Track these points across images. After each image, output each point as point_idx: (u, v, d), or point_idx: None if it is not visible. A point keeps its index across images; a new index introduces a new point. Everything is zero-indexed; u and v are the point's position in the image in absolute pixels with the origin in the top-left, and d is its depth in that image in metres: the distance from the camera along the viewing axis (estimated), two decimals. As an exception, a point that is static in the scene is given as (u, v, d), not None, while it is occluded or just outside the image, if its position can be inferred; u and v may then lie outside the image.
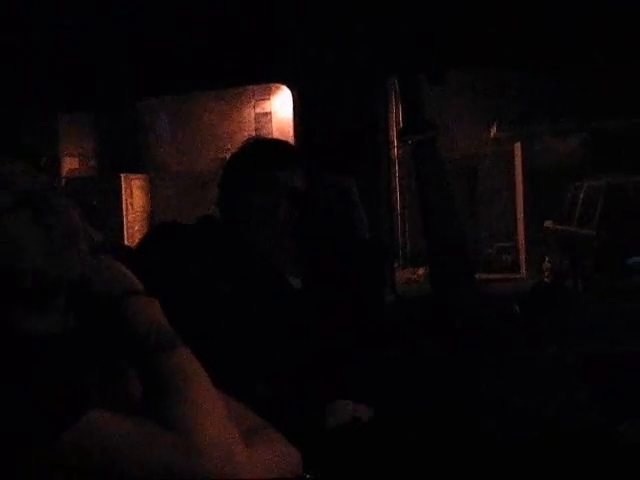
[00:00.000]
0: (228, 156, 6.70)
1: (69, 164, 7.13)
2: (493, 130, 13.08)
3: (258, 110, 7.10)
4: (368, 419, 1.91)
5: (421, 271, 9.67)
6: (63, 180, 6.44)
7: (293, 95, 2.48)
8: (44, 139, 4.60)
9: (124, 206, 6.94)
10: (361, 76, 2.36)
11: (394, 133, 3.09)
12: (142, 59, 2.86)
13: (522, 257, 11.39)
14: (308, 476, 1.42)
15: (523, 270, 10.83)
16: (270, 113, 7.06)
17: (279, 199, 2.02)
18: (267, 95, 6.79)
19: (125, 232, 6.72)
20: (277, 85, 5.48)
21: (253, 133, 7.11)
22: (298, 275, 2.24)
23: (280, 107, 6.89)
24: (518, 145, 11.68)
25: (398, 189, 9.31)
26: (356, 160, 2.33)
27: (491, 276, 10.25)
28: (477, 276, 2.81)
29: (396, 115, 2.83)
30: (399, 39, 2.33)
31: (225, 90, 6.18)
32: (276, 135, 6.89)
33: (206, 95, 6.46)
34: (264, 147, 2.18)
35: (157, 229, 2.06)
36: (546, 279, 10.60)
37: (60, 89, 3.17)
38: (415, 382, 2.18)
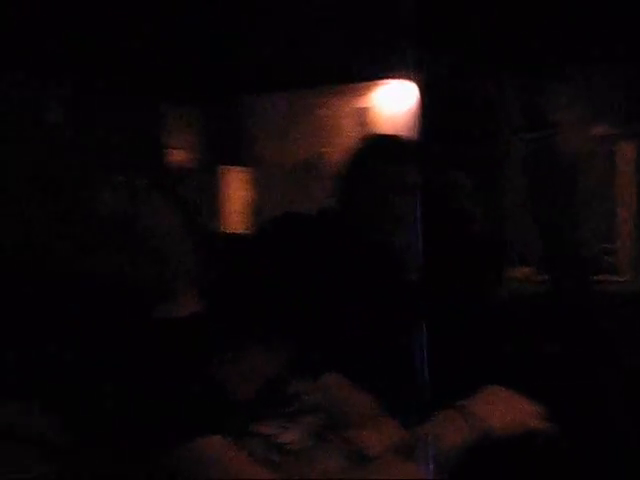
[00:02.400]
0: (329, 150, 6.70)
1: (175, 156, 7.28)
2: (599, 127, 12.71)
3: (359, 104, 7.09)
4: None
5: (526, 269, 9.39)
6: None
7: (413, 92, 2.47)
8: (151, 132, 4.71)
9: (223, 199, 7.02)
10: (482, 73, 2.33)
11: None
12: (253, 54, 2.89)
13: (626, 259, 11.02)
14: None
15: (627, 272, 10.47)
16: (371, 107, 7.03)
17: (394, 193, 2.02)
18: (369, 89, 6.77)
19: (224, 224, 6.80)
20: (379, 79, 5.44)
21: (354, 128, 7.09)
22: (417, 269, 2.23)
23: (382, 101, 6.85)
24: (625, 143, 11.31)
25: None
26: (474, 156, 2.31)
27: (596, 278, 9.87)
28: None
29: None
30: (520, 35, 2.30)
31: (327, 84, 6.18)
32: (378, 128, 6.87)
33: (307, 88, 6.47)
34: (381, 142, 2.18)
35: (278, 218, 2.10)
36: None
37: (170, 82, 3.25)
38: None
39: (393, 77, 3.04)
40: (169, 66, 3.03)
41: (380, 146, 2.11)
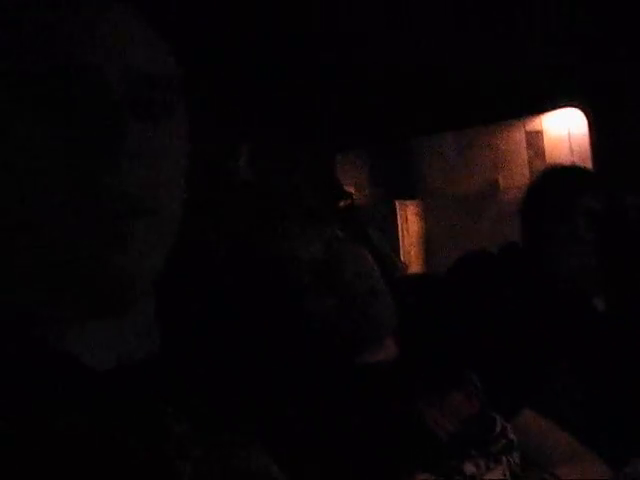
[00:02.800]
0: (499, 178, 6.61)
1: (354, 195, 7.46)
2: None
3: (528, 129, 6.97)
4: None
5: None
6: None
7: (587, 117, 2.46)
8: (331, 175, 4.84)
9: (400, 232, 7.09)
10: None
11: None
12: (421, 96, 2.96)
13: None
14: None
15: None
16: (541, 131, 6.89)
17: (582, 225, 2.02)
18: (537, 113, 6.64)
19: (402, 257, 6.86)
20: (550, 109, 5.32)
21: (524, 153, 6.98)
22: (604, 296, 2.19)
23: (551, 125, 6.71)
24: None
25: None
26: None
27: None
28: None
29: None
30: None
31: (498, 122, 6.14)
32: (549, 153, 6.71)
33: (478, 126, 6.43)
34: (562, 174, 2.18)
35: (464, 258, 2.13)
36: None
37: (340, 130, 3.36)
38: None
39: (560, 107, 3.00)
40: (347, 109, 3.15)
41: (565, 178, 2.11)
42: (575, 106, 2.55)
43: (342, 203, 2.26)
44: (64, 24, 0.76)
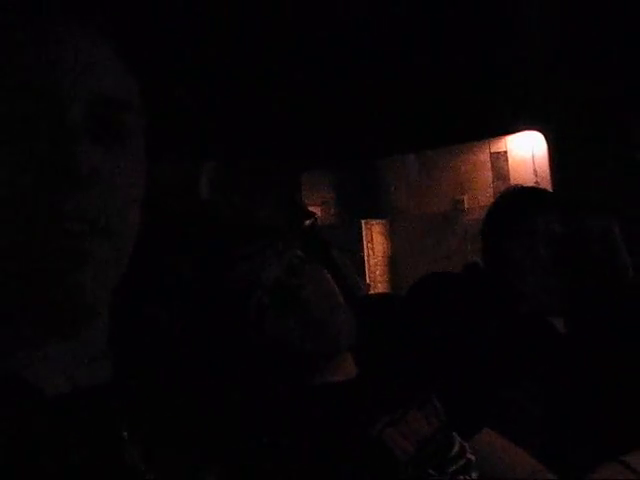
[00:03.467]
0: (464, 198, 6.68)
1: (318, 213, 7.48)
2: None
3: (493, 149, 7.04)
4: None
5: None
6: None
7: (547, 139, 2.50)
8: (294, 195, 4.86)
9: (366, 251, 7.12)
10: (618, 118, 2.33)
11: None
12: (385, 119, 2.98)
13: None
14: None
15: None
16: (506, 152, 6.97)
17: (541, 246, 2.04)
18: (500, 135, 6.72)
19: (367, 277, 6.87)
20: (512, 132, 5.40)
21: (489, 174, 7.06)
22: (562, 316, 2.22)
23: (515, 146, 6.79)
24: None
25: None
26: (617, 200, 2.30)
27: None
28: None
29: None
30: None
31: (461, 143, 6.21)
32: (512, 174, 6.80)
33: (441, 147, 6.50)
34: (520, 195, 2.21)
35: (425, 279, 2.15)
36: None
37: (306, 150, 3.37)
38: None
39: (524, 130, 3.04)
40: (312, 131, 3.16)
41: (524, 199, 2.14)
42: (535, 129, 2.59)
43: (305, 223, 2.27)
44: (23, 44, 0.76)
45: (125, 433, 0.78)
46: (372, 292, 5.08)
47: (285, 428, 1.10)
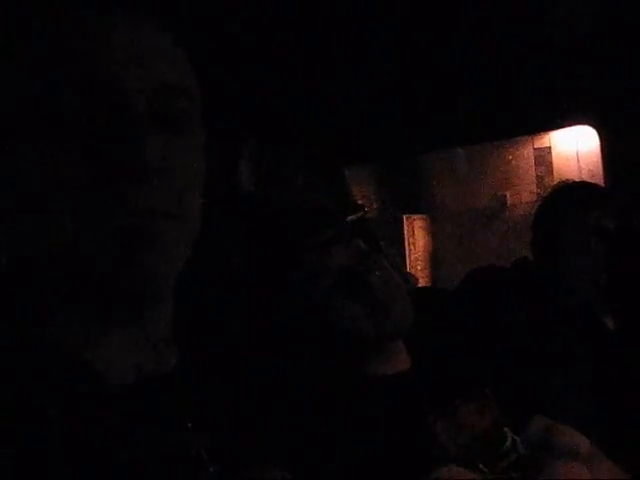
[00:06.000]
0: (507, 194, 6.61)
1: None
2: None
3: (537, 145, 6.97)
4: None
5: None
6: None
7: (599, 134, 2.47)
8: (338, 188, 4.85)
9: (407, 246, 7.10)
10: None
11: None
12: (431, 111, 2.97)
13: None
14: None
15: None
16: (549, 147, 6.89)
17: (593, 242, 2.02)
18: (546, 130, 6.64)
19: (411, 271, 6.87)
20: (559, 127, 5.32)
21: (532, 169, 6.99)
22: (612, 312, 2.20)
23: (560, 141, 6.71)
24: None
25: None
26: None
27: None
28: None
29: None
30: None
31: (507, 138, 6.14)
32: (557, 170, 6.72)
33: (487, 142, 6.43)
34: (573, 190, 2.19)
35: (473, 274, 2.14)
36: None
37: (351, 143, 3.36)
38: None
39: (573, 124, 3.00)
40: (354, 126, 3.15)
41: (577, 194, 2.12)
42: (587, 123, 2.55)
43: (354, 215, 2.26)
44: (86, 37, 0.77)
45: (190, 423, 0.78)
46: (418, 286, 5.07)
47: (343, 419, 1.10)
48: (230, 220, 1.58)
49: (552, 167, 6.84)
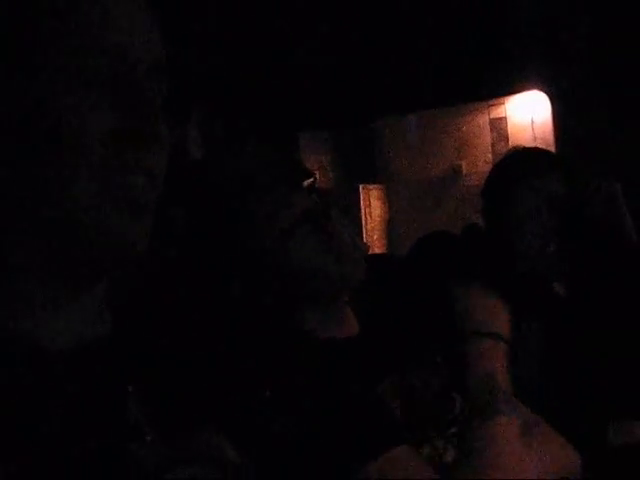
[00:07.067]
0: (462, 163, 6.65)
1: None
2: None
3: (493, 115, 7.00)
4: None
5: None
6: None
7: (551, 101, 2.46)
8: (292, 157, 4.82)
9: (363, 216, 7.10)
10: (621, 77, 2.30)
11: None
12: (385, 78, 2.94)
13: None
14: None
15: None
16: (505, 118, 6.93)
17: (542, 206, 2.02)
18: (501, 99, 6.69)
19: (365, 241, 6.86)
20: (511, 93, 5.35)
21: (488, 139, 7.02)
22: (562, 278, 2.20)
23: (515, 111, 6.75)
24: None
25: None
26: (622, 164, 2.27)
27: None
28: None
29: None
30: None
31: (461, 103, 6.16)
32: (512, 139, 6.77)
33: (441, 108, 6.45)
34: (524, 156, 2.18)
35: (424, 240, 2.13)
36: None
37: (304, 110, 3.33)
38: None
39: (525, 89, 3.00)
40: (308, 93, 3.11)
41: (528, 160, 2.11)
42: (540, 89, 2.55)
43: (305, 183, 2.23)
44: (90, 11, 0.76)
45: (131, 388, 0.77)
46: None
47: (287, 383, 1.09)
48: (179, 188, 1.54)
49: (507, 136, 6.88)
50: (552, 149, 2.66)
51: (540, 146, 2.77)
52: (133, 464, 0.70)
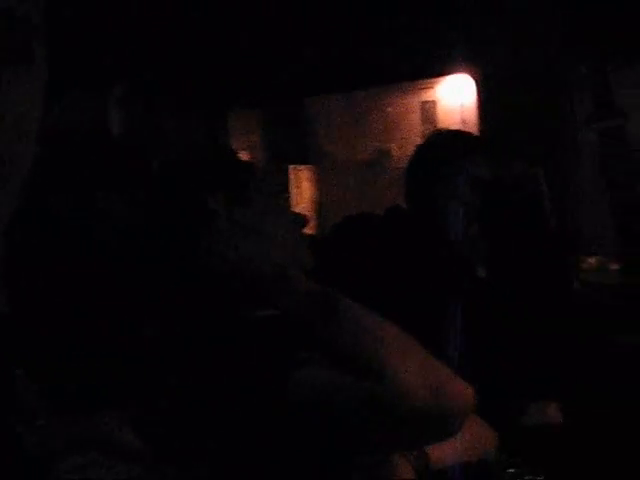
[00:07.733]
0: (392, 146, 6.68)
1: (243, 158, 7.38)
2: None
3: (422, 98, 7.04)
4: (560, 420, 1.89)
5: (592, 260, 9.21)
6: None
7: (476, 83, 2.47)
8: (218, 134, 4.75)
9: (293, 197, 7.07)
10: (548, 63, 2.32)
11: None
12: (312, 57, 2.92)
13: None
14: (511, 470, 1.43)
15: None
16: (434, 101, 6.98)
17: (467, 191, 2.03)
18: (431, 83, 6.72)
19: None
20: (440, 75, 5.38)
21: (418, 122, 7.06)
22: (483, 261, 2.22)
23: (445, 95, 6.80)
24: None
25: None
26: (543, 148, 2.30)
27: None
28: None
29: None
30: (590, 25, 2.28)
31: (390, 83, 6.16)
32: (441, 122, 6.82)
33: (369, 88, 6.44)
34: (447, 138, 2.19)
35: (345, 221, 2.12)
36: None
37: (231, 88, 3.28)
38: (609, 375, 2.12)
39: (453, 72, 3.02)
40: (234, 71, 3.07)
41: (451, 142, 2.12)
42: (465, 71, 2.56)
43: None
44: None
45: (20, 371, 0.73)
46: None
47: (204, 362, 1.07)
48: (101, 167, 1.50)
49: (437, 120, 6.92)
50: (479, 133, 2.68)
51: (469, 130, 2.79)
52: (22, 451, 0.67)
